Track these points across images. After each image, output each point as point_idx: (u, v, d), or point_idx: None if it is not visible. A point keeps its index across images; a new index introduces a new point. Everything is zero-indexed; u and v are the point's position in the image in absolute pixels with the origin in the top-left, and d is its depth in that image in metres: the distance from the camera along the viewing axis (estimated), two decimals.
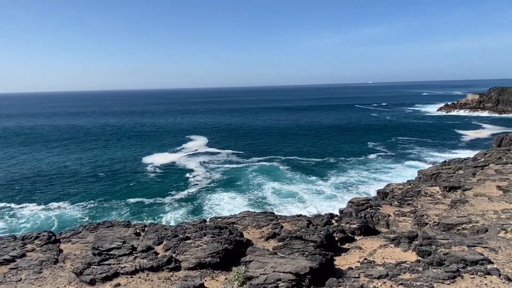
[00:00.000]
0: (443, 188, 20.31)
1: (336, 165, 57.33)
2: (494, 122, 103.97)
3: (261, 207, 36.67)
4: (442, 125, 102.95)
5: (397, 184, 29.12)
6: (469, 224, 13.13)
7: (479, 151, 59.73)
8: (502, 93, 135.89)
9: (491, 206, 15.65)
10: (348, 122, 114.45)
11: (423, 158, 62.10)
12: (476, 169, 24.44)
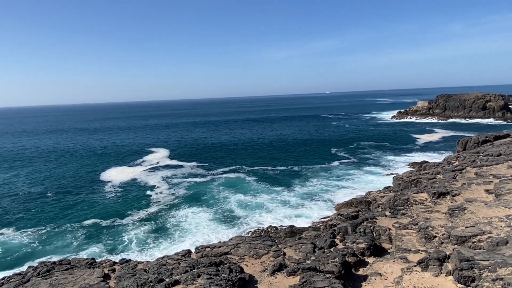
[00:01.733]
0: (432, 195, 19.38)
1: (300, 173, 56.73)
2: (443, 126, 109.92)
3: (229, 221, 35.31)
4: (398, 130, 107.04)
5: (377, 191, 28.28)
6: (483, 235, 11.91)
7: (445, 154, 62.08)
8: (448, 100, 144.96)
9: (492, 213, 14.71)
10: (309, 131, 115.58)
11: (383, 163, 63.16)
12: (455, 173, 24.08)
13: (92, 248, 29.00)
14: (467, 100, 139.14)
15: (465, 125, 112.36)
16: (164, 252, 27.52)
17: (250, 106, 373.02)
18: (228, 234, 32.31)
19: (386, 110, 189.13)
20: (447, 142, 79.55)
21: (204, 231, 32.36)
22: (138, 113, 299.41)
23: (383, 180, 49.28)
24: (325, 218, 39.33)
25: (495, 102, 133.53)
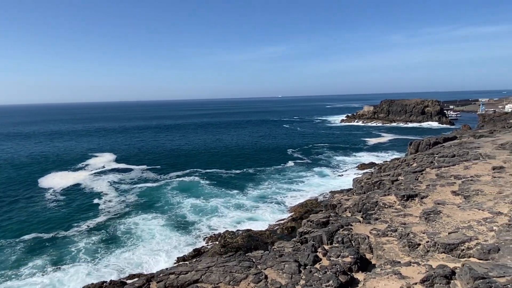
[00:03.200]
0: (400, 197, 18.74)
1: (255, 176, 55.86)
2: (388, 130, 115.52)
3: (183, 227, 33.41)
4: (347, 133, 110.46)
5: (340, 194, 27.51)
6: (470, 242, 11.06)
7: (392, 155, 64.38)
8: (391, 105, 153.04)
9: (468, 216, 14.13)
10: (264, 134, 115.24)
11: (334, 164, 64.18)
12: (417, 175, 23.98)
13: (36, 260, 25.33)
14: (408, 105, 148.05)
15: (407, 128, 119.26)
16: (118, 259, 25.41)
17: (203, 109, 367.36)
18: (182, 240, 30.50)
19: (335, 114, 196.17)
20: (393, 144, 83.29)
21: (158, 238, 30.06)
22: (81, 115, 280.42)
23: (334, 182, 49.68)
24: (281, 221, 38.19)
25: (433, 107, 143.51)
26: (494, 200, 15.15)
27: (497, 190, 17.16)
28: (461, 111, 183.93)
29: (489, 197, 16.13)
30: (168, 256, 26.86)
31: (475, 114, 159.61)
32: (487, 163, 24.11)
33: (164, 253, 27.36)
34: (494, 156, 25.81)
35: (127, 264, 25.62)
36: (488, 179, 19.84)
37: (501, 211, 13.52)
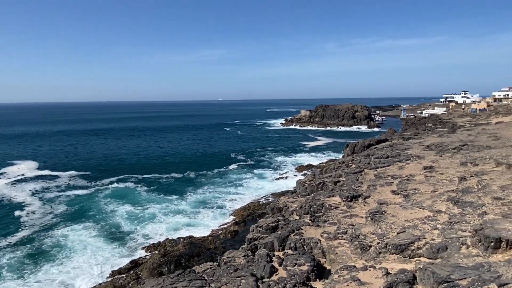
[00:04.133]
0: (345, 198, 18.89)
1: (195, 180, 54.27)
2: (323, 133, 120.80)
3: (118, 237, 30.86)
4: (286, 137, 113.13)
5: (286, 196, 27.27)
6: (419, 241, 11.15)
7: (329, 157, 66.92)
8: (325, 110, 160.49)
9: (411, 215, 14.51)
10: (205, 138, 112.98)
11: (274, 167, 65.04)
12: (357, 175, 24.69)
13: None
14: (340, 110, 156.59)
15: (340, 131, 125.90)
16: (46, 275, 22.90)
17: (139, 112, 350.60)
18: (117, 251, 28.06)
19: (274, 118, 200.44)
20: (329, 147, 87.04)
21: (90, 250, 27.23)
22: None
23: (275, 184, 50.13)
24: (224, 225, 37.19)
25: (362, 112, 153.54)
26: (431, 199, 15.80)
27: (431, 189, 18.06)
28: (386, 115, 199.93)
29: (426, 195, 16.85)
30: (102, 270, 24.34)
31: (398, 119, 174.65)
32: (418, 163, 25.69)
33: (98, 267, 24.79)
34: (423, 156, 27.70)
35: (55, 281, 22.81)
36: (422, 178, 20.97)
37: (440, 209, 14.04)
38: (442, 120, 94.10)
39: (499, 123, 50.50)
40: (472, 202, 13.47)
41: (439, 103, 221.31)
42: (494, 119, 64.51)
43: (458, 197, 14.73)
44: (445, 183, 18.71)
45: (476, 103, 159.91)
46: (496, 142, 27.31)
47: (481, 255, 8.88)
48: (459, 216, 12.26)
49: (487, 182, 16.28)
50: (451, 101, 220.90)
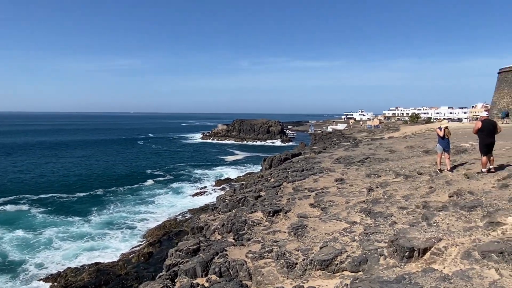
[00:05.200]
0: (267, 213, 18.71)
1: (103, 198, 49.75)
2: (241, 147, 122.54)
3: (6, 270, 26.34)
4: (204, 151, 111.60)
5: (206, 214, 26.10)
6: (341, 255, 11.31)
7: (248, 170, 67.29)
8: (242, 124, 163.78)
9: (329, 227, 14.86)
10: (115, 152, 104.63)
11: (193, 181, 63.54)
12: (276, 189, 24.97)
13: None
14: (256, 124, 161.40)
15: (256, 146, 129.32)
16: None
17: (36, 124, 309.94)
18: None
19: (191, 131, 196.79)
20: (247, 161, 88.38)
21: None
22: None
23: (193, 200, 48.57)
24: (136, 247, 34.41)
25: (276, 127, 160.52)
26: (346, 210, 16.52)
27: (345, 200, 19.01)
28: (297, 130, 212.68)
29: (341, 207, 17.60)
30: None
31: (307, 133, 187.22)
32: (330, 175, 27.19)
33: None
34: (334, 169, 29.50)
35: None
36: (335, 190, 22.09)
37: (355, 220, 14.65)
38: (345, 135, 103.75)
39: (391, 138, 57.42)
40: (382, 212, 14.36)
41: (341, 120, 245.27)
42: (386, 135, 73.40)
43: (369, 208, 15.64)
44: (356, 194, 19.90)
45: (371, 120, 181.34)
46: (393, 155, 30.53)
47: (398, 265, 9.26)
48: (373, 227, 12.88)
49: (391, 192, 17.73)
50: (351, 118, 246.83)
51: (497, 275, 7.49)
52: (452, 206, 13.53)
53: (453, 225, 11.58)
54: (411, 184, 19.47)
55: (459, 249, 9.45)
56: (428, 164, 23.75)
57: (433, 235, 10.60)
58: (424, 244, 9.97)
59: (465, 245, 9.60)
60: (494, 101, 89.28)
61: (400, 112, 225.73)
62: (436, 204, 14.35)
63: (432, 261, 9.35)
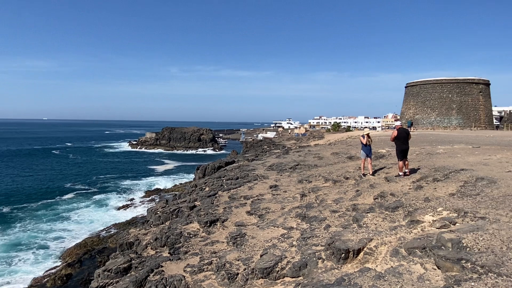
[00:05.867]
0: (203, 224, 18.18)
1: (9, 216, 44.29)
2: (171, 156, 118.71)
3: None
4: (132, 160, 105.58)
5: (136, 228, 24.40)
6: (281, 262, 11.42)
7: (180, 180, 64.89)
8: (172, 132, 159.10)
9: (268, 234, 14.98)
10: (26, 164, 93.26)
11: (120, 193, 59.83)
12: (211, 198, 24.49)
13: None
14: (187, 132, 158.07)
15: (188, 154, 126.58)
16: None
17: None
18: None
19: (117, 140, 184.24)
20: (179, 170, 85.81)
21: None
22: None
23: (120, 214, 45.59)
24: (52, 269, 31.06)
25: (207, 135, 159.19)
26: (282, 216, 16.86)
27: (280, 207, 19.43)
28: (228, 138, 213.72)
29: (277, 213, 17.93)
30: None
31: (238, 141, 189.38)
32: (264, 182, 27.65)
33: None
34: (267, 176, 30.10)
35: None
36: (270, 197, 22.48)
37: (292, 226, 15.01)
38: (275, 143, 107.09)
39: (317, 145, 60.91)
40: (316, 217, 14.93)
41: (270, 128, 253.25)
42: (312, 142, 77.66)
43: (304, 212, 16.16)
44: (290, 200, 20.48)
45: (298, 128, 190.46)
46: (321, 161, 32.27)
47: (336, 267, 9.63)
48: (309, 231, 13.30)
49: (322, 197, 18.60)
50: (279, 126, 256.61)
51: (423, 269, 8.24)
52: (378, 207, 14.70)
53: (381, 225, 12.55)
54: (339, 188, 20.74)
55: (388, 248, 10.22)
56: (352, 169, 25.58)
57: (365, 236, 11.32)
58: (358, 245, 10.59)
59: (393, 243, 10.43)
60: (403, 112, 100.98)
61: (323, 121, 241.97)
62: (363, 206, 15.45)
63: (366, 260, 9.96)
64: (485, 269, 7.09)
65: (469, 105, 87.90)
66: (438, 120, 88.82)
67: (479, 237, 8.66)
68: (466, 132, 66.42)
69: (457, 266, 7.60)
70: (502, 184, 13.77)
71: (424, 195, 14.59)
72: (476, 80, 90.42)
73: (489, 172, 16.54)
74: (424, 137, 47.08)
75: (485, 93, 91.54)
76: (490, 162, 19.92)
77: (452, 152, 27.34)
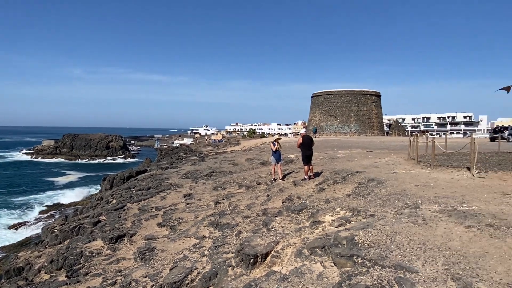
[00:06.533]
0: (108, 241, 16.68)
1: None
2: (75, 167, 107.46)
3: None
4: (26, 173, 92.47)
5: (27, 250, 21.18)
6: (192, 273, 11.08)
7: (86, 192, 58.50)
8: (75, 139, 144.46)
9: (179, 246, 14.46)
10: None
11: (10, 211, 52.11)
12: (119, 212, 22.70)
13: None
14: (93, 139, 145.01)
15: (94, 164, 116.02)
16: None
17: None
18: None
19: (5, 149, 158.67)
20: (84, 182, 78.01)
21: None
22: None
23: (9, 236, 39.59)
24: None
25: (117, 142, 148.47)
26: (195, 226, 16.54)
27: (193, 216, 19.04)
28: (141, 145, 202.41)
29: (190, 223, 17.51)
30: None
31: (153, 149, 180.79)
32: (178, 191, 26.82)
33: None
34: (182, 184, 29.29)
35: None
36: (184, 206, 21.88)
37: (204, 235, 14.80)
38: (192, 150, 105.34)
39: (233, 152, 61.76)
40: (229, 224, 15.00)
41: (187, 134, 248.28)
42: (229, 148, 78.52)
43: (217, 220, 16.10)
44: (204, 208, 20.23)
45: (215, 135, 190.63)
46: (235, 167, 32.73)
47: (245, 273, 9.76)
48: (221, 239, 13.27)
49: (236, 203, 18.81)
50: (196, 132, 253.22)
51: (322, 268, 8.85)
52: (285, 210, 15.45)
53: (287, 228, 13.19)
54: (252, 194, 21.25)
55: (292, 249, 10.76)
56: (265, 175, 26.51)
57: (272, 239, 11.74)
58: (266, 249, 10.92)
59: (297, 244, 11.01)
60: (310, 119, 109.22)
61: (239, 128, 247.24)
62: (273, 210, 16.07)
63: (273, 263, 10.31)
64: (372, 262, 7.95)
65: (364, 114, 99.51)
66: (339, 127, 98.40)
67: (368, 233, 9.67)
68: (362, 138, 74.91)
69: (350, 262, 8.37)
70: (388, 184, 15.74)
71: (325, 196, 15.84)
72: (370, 92, 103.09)
73: (379, 173, 18.78)
74: (328, 143, 51.50)
75: (377, 103, 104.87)
76: (380, 165, 22.70)
77: (350, 156, 30.41)
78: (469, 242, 8.14)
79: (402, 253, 8.03)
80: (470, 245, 7.98)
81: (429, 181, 15.47)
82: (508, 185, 13.71)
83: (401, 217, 10.58)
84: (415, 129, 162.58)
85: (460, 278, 6.42)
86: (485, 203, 11.19)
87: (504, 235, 8.22)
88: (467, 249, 7.77)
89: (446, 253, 7.65)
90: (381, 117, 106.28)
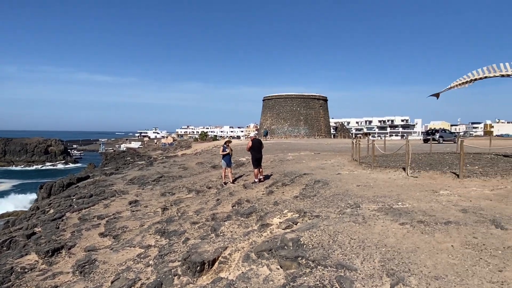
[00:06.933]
0: (43, 254, 15.25)
1: None
2: (8, 174, 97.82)
3: None
4: None
5: None
6: (135, 285, 10.49)
7: (25, 202, 53.09)
8: (8, 144, 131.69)
9: (122, 256, 13.67)
10: None
11: None
12: (57, 222, 20.92)
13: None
14: (29, 144, 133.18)
15: (31, 170, 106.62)
16: None
17: None
18: None
19: None
20: (18, 190, 71.21)
21: None
22: None
23: None
24: None
25: (57, 147, 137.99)
26: (140, 234, 15.82)
27: (139, 224, 18.20)
28: (84, 150, 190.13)
29: (135, 232, 16.71)
30: None
31: (97, 153, 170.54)
32: (123, 198, 25.50)
33: None
34: (127, 191, 27.91)
35: None
36: (129, 214, 20.83)
37: (150, 244, 14.21)
38: (140, 154, 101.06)
39: (184, 155, 60.40)
40: (176, 231, 14.57)
41: (135, 138, 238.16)
42: (180, 152, 76.72)
43: (163, 228, 15.56)
44: (151, 215, 19.46)
45: (165, 138, 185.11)
46: (185, 172, 32.00)
47: (191, 282, 9.50)
48: (167, 247, 12.82)
49: (184, 209, 18.34)
50: (145, 136, 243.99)
51: (268, 271, 8.88)
52: (234, 214, 15.35)
53: (236, 232, 13.10)
54: (201, 199, 20.86)
55: (240, 254, 10.69)
56: (215, 178, 26.21)
57: (220, 245, 11.57)
58: (213, 255, 10.72)
59: (245, 248, 10.97)
60: (261, 122, 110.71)
61: (191, 130, 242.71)
62: (222, 215, 15.89)
63: (220, 269, 10.14)
64: (315, 263, 8.14)
65: (313, 117, 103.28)
66: (290, 130, 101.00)
67: (313, 234, 9.92)
68: (311, 140, 77.60)
69: (295, 263, 8.50)
70: (332, 185, 16.37)
71: (274, 199, 16.04)
72: (318, 96, 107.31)
73: (324, 175, 19.49)
74: (278, 145, 52.53)
75: (324, 107, 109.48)
76: (326, 166, 23.59)
77: (299, 158, 31.25)
78: (403, 239, 8.69)
79: (343, 252, 8.34)
80: (403, 241, 8.53)
81: (369, 181, 16.38)
82: (438, 183, 14.98)
83: (343, 217, 11.02)
84: (359, 131, 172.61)
85: (394, 274, 6.81)
86: (417, 201, 12.09)
87: (433, 230, 8.91)
88: (401, 245, 8.29)
89: (382, 250, 8.09)
90: (328, 120, 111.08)
